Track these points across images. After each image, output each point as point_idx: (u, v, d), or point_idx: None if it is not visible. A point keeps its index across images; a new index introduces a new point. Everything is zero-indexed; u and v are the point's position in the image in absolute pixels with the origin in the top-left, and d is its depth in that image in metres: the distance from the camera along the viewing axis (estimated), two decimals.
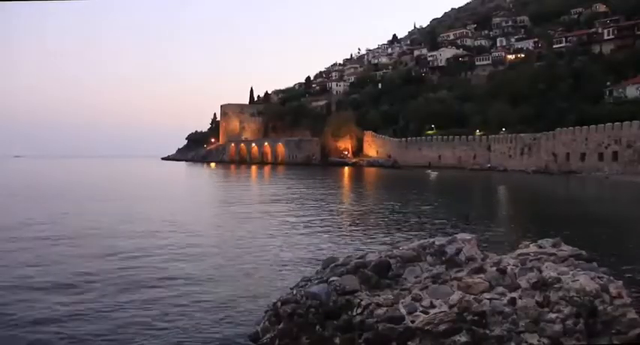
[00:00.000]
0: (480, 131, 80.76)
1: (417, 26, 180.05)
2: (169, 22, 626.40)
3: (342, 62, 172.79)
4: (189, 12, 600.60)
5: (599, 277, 5.16)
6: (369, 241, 15.81)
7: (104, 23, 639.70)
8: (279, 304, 5.84)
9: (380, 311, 5.38)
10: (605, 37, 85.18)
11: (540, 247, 6.06)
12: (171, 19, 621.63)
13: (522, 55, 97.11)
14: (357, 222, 21.03)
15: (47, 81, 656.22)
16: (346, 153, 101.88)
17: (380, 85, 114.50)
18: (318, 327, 5.53)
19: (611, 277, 5.22)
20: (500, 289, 5.30)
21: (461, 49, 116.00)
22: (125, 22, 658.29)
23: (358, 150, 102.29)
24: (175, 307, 8.92)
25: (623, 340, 4.67)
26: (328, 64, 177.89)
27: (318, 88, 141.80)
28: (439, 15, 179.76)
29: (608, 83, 71.83)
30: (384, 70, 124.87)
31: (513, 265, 5.60)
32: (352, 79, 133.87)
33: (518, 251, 6.06)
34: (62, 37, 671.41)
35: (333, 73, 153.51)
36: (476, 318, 5.01)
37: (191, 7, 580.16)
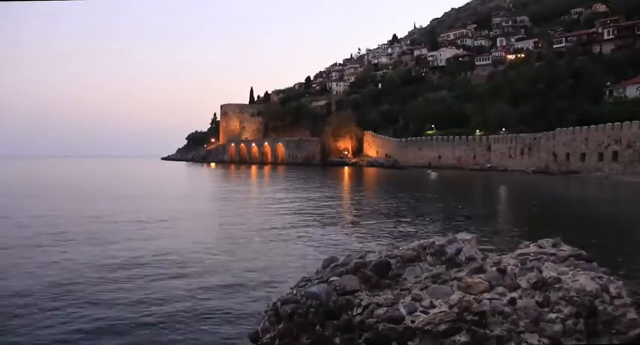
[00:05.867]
0: (479, 131, 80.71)
1: (417, 26, 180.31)
2: (169, 23, 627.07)
3: (342, 62, 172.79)
4: (189, 14, 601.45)
5: (599, 277, 5.16)
6: (369, 241, 15.81)
7: (104, 24, 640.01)
8: (279, 304, 5.84)
9: (380, 311, 5.38)
10: (605, 37, 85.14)
11: (540, 247, 6.05)
12: (172, 20, 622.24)
13: (522, 55, 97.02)
14: (358, 222, 21.03)
15: (46, 79, 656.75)
16: (346, 153, 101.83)
17: (380, 85, 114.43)
18: (318, 327, 5.53)
19: (611, 277, 5.22)
20: (500, 289, 5.30)
21: (461, 49, 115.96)
22: (125, 22, 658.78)
23: (358, 150, 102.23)
24: (175, 307, 8.91)
25: (623, 340, 4.66)
26: (328, 64, 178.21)
27: (318, 88, 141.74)
28: (439, 15, 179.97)
29: (608, 83, 71.80)
30: (384, 70, 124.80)
31: (513, 265, 5.60)
32: (352, 79, 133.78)
33: (518, 251, 6.05)
34: (63, 36, 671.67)
35: (333, 73, 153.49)
36: (476, 318, 5.01)
37: (191, 8, 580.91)
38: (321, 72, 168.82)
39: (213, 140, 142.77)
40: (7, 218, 21.14)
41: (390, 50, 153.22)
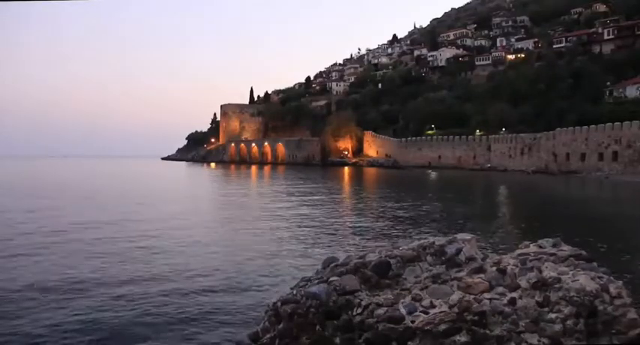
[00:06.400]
0: (479, 131, 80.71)
1: (417, 26, 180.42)
2: (169, 23, 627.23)
3: (342, 62, 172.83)
4: (189, 13, 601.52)
5: (599, 277, 5.15)
6: (369, 241, 15.80)
7: (104, 24, 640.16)
8: (279, 304, 5.83)
9: (380, 311, 5.38)
10: (605, 37, 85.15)
11: (540, 247, 6.05)
12: (172, 20, 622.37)
13: (522, 55, 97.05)
14: (358, 222, 21.02)
15: (46, 79, 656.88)
16: (346, 153, 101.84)
17: (380, 85, 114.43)
18: (318, 327, 5.52)
19: (611, 277, 5.22)
20: (500, 289, 5.30)
21: (461, 49, 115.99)
22: (125, 22, 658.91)
23: (358, 150, 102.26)
24: (175, 308, 8.91)
25: (623, 340, 4.66)
26: (328, 64, 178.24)
27: (318, 88, 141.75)
28: (439, 15, 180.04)
29: (608, 83, 71.81)
30: (384, 70, 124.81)
31: (513, 265, 5.60)
32: (352, 79, 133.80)
33: (518, 251, 6.05)
34: (63, 36, 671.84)
35: (333, 73, 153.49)
36: (476, 318, 5.01)
37: (191, 8, 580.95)
38: (321, 72, 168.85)
39: (213, 140, 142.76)
40: (8, 220, 21.14)
41: (390, 50, 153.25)
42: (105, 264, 12.44)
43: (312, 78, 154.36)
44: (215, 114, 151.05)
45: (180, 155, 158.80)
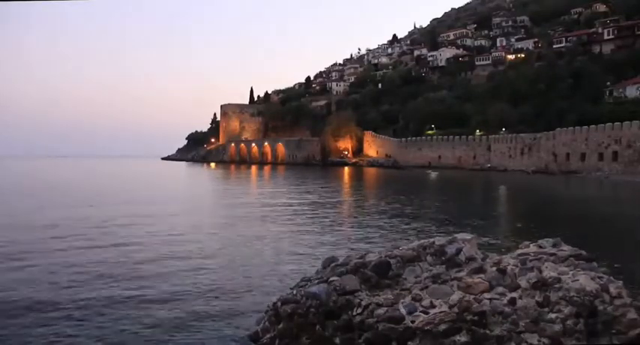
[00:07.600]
0: (479, 131, 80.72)
1: (417, 26, 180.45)
2: (170, 23, 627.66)
3: (342, 62, 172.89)
4: (189, 14, 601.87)
5: (599, 277, 5.15)
6: (369, 241, 15.80)
7: (104, 24, 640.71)
8: (279, 304, 5.83)
9: (380, 311, 5.38)
10: (605, 37, 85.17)
11: (540, 247, 6.05)
12: (172, 20, 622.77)
13: (522, 55, 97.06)
14: (357, 222, 21.02)
15: (46, 79, 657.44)
16: (346, 153, 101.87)
17: (380, 85, 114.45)
18: (318, 327, 5.52)
19: (611, 277, 5.21)
20: (500, 289, 5.30)
21: (461, 49, 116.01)
22: (125, 22, 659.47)
23: (358, 150, 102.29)
24: (175, 307, 8.91)
25: (623, 340, 4.66)
26: (328, 64, 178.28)
27: (318, 88, 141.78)
28: (439, 15, 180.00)
29: (608, 83, 71.82)
30: (384, 70, 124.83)
31: (513, 265, 5.59)
32: (352, 79, 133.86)
33: (518, 251, 6.05)
34: (63, 36, 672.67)
35: (333, 73, 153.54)
36: (476, 318, 5.00)
37: (191, 8, 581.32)
38: (321, 72, 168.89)
39: (213, 140, 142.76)
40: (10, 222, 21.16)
41: (390, 50, 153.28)
42: (104, 264, 12.43)
43: (312, 78, 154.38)
44: (215, 114, 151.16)
45: (180, 155, 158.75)
